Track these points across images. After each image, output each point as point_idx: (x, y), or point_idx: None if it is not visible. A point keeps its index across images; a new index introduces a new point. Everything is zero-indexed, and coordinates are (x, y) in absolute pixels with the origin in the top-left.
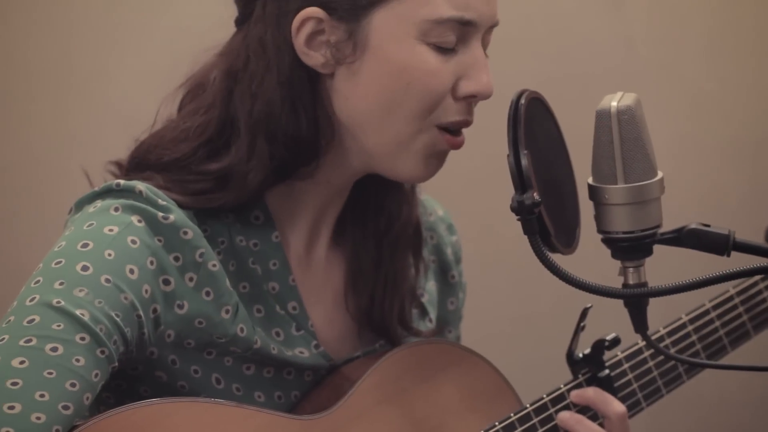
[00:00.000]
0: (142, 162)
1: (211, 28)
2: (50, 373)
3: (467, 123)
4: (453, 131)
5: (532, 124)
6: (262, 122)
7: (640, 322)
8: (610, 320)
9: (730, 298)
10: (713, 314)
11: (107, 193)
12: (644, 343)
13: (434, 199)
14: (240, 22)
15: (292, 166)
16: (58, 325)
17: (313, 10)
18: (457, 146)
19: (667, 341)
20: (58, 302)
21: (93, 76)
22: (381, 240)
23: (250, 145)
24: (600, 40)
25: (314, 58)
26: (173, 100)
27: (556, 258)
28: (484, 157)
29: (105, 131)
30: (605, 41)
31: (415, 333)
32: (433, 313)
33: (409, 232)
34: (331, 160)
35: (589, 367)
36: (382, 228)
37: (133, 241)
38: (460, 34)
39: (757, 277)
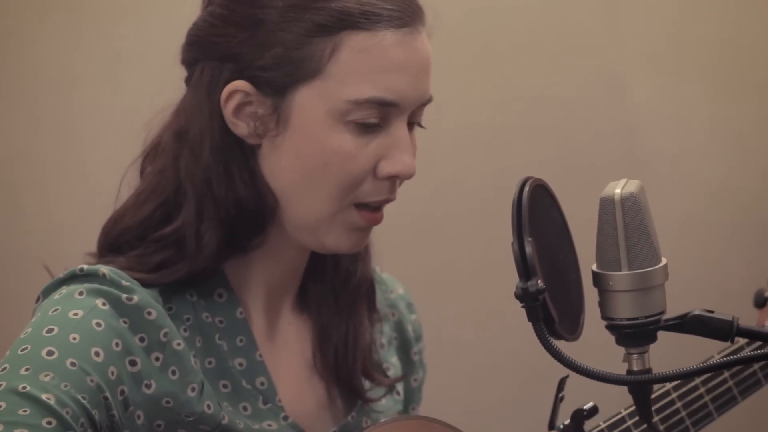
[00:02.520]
0: (108, 236)
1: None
2: None
3: (388, 201)
4: (373, 207)
5: (536, 211)
6: (205, 187)
7: (644, 409)
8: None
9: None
10: (698, 381)
11: (72, 278)
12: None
13: (394, 278)
14: (187, 82)
15: (242, 236)
16: (24, 411)
17: (241, 84)
18: (376, 223)
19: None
20: (24, 387)
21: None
22: (339, 296)
23: (198, 208)
24: (604, 127)
25: (241, 128)
26: (135, 168)
27: (561, 345)
28: (489, 244)
29: (109, 135)
30: (609, 128)
31: (378, 382)
32: (399, 387)
33: (364, 287)
34: (276, 230)
35: None
36: (339, 284)
37: (98, 324)
38: (382, 114)
39: (742, 344)
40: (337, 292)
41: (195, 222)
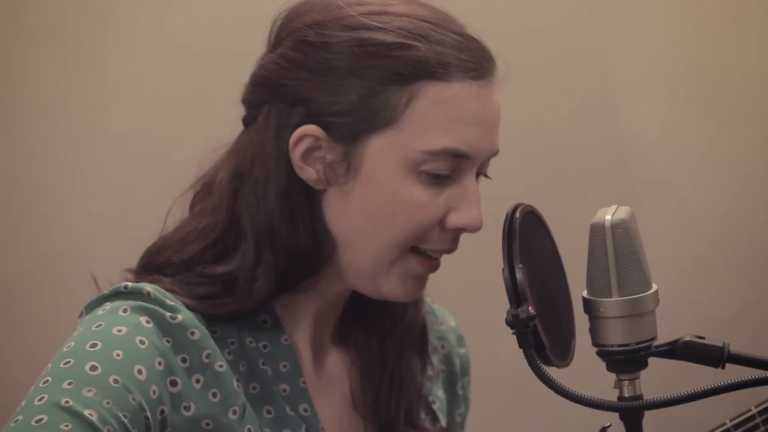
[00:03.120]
0: (150, 264)
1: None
2: None
3: (449, 251)
4: (430, 255)
5: (527, 237)
6: (265, 232)
7: None
8: None
9: (752, 417)
10: (758, 420)
11: (116, 295)
12: None
13: (444, 309)
14: (247, 123)
15: (294, 278)
16: (66, 425)
17: (312, 128)
18: (434, 270)
19: None
20: (67, 402)
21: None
22: (385, 340)
23: (257, 253)
24: (595, 153)
25: (308, 172)
26: (184, 202)
27: (552, 371)
28: (479, 270)
29: (100, 160)
30: (600, 154)
31: (421, 431)
32: (443, 420)
33: (414, 332)
34: (330, 272)
35: None
36: (386, 328)
37: (142, 342)
38: (454, 165)
39: None
40: (383, 335)
41: (251, 267)
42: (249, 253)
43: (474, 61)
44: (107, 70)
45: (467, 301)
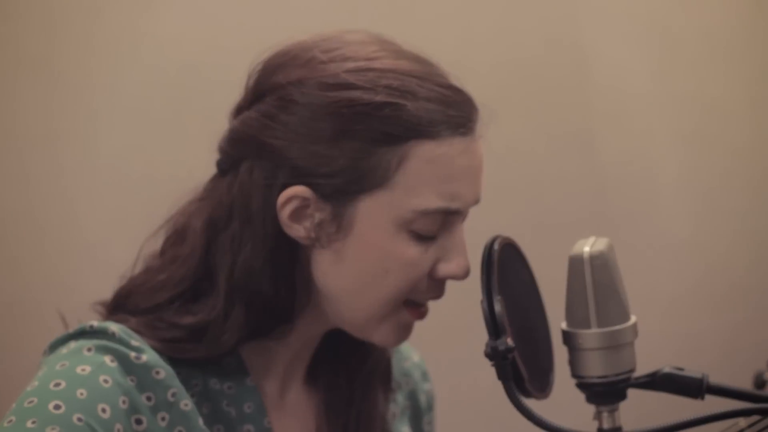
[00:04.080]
0: (120, 304)
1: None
2: None
3: (438, 298)
4: (419, 304)
5: (506, 269)
6: (242, 287)
7: None
8: None
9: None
10: None
11: (80, 334)
12: None
13: (409, 345)
14: (224, 171)
15: (265, 328)
16: None
17: (301, 190)
18: (423, 317)
19: None
20: None
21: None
22: (353, 378)
23: (227, 308)
24: (573, 184)
25: (297, 231)
26: (154, 239)
27: (531, 403)
28: (458, 302)
29: (95, 191)
30: (578, 186)
31: None
32: None
33: (380, 369)
34: (307, 319)
35: None
36: (354, 366)
37: (106, 381)
38: (443, 221)
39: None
40: (351, 372)
41: (221, 320)
42: (219, 306)
43: (461, 116)
44: (95, 98)
45: (447, 333)
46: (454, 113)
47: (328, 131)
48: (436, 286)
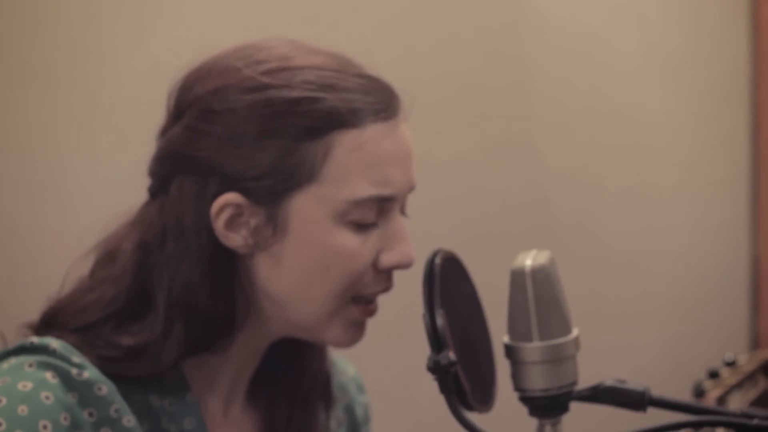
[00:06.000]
0: (48, 324)
1: None
2: None
3: (387, 290)
4: (368, 300)
5: (448, 283)
6: (181, 305)
7: None
8: None
9: None
10: None
11: (21, 350)
12: None
13: (344, 359)
14: (154, 194)
15: (206, 342)
16: None
17: (233, 196)
18: (371, 315)
19: None
20: None
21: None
22: (294, 394)
23: (166, 326)
24: (515, 195)
25: (234, 240)
26: (84, 262)
27: (473, 416)
28: (400, 316)
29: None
30: (520, 197)
31: None
32: None
33: (319, 384)
34: (248, 332)
35: None
36: (294, 382)
37: (47, 397)
38: (379, 209)
39: None
40: (290, 389)
41: (160, 339)
42: (158, 326)
43: (381, 102)
44: (91, 103)
45: (389, 345)
46: (374, 99)
47: (251, 134)
48: (382, 277)
